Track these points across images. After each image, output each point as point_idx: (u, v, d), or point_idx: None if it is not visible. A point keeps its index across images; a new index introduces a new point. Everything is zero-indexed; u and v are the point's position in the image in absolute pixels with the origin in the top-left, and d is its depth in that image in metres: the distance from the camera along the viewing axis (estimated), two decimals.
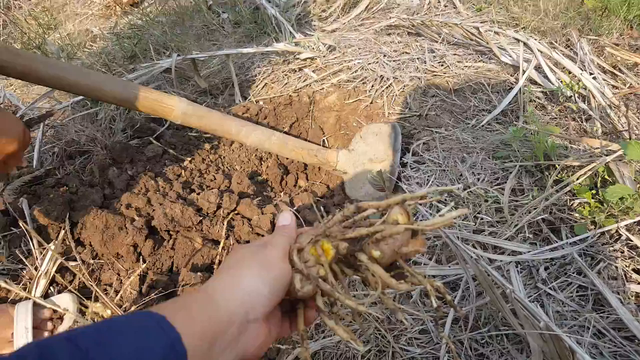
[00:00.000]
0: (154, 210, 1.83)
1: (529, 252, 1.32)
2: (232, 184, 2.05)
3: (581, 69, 2.16)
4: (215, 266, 1.76)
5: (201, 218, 1.81)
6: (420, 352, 1.22)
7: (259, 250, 0.72)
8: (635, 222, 1.32)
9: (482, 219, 1.49)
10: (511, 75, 2.27)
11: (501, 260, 1.29)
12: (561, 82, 2.12)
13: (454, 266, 1.38)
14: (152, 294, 1.60)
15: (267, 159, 2.33)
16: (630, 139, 1.68)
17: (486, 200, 1.54)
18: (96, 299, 1.61)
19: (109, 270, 1.76)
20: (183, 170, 2.15)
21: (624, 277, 1.23)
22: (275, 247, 0.72)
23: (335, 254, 0.75)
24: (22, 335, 1.38)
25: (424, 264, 1.44)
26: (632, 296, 1.18)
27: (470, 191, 1.56)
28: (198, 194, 1.91)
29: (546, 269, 1.31)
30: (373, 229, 0.72)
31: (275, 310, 0.72)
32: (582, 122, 1.96)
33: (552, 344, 0.99)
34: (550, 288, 1.26)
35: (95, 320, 1.45)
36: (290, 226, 0.81)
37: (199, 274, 1.70)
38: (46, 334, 1.46)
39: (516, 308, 1.08)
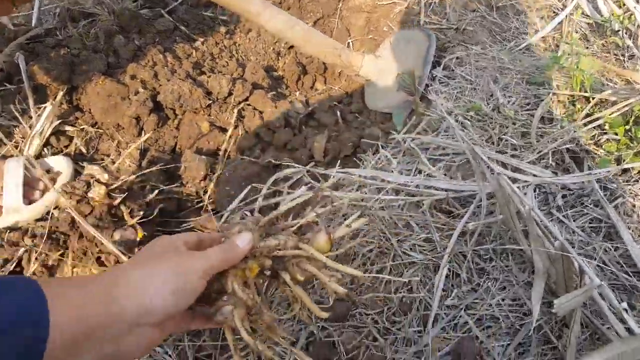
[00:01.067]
0: (160, 85, 1.81)
1: (550, 177, 1.34)
2: (245, 73, 2.01)
3: (636, 2, 2.07)
4: (220, 153, 1.77)
5: (210, 102, 1.80)
6: (422, 258, 1.27)
7: (184, 256, 0.68)
8: None
9: (506, 141, 1.49)
10: (559, 1, 2.17)
11: (521, 181, 1.31)
12: (612, 14, 2.04)
13: (470, 183, 1.39)
14: (152, 169, 1.61)
15: (285, 54, 2.28)
16: None
17: (514, 123, 1.53)
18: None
19: (108, 141, 1.77)
20: (194, 51, 2.10)
21: (639, 215, 1.26)
22: (204, 260, 0.69)
23: (260, 272, 0.86)
24: (11, 190, 1.36)
25: (436, 178, 1.46)
26: None
27: (500, 111, 1.55)
28: (209, 77, 1.88)
29: (563, 196, 1.33)
30: (298, 253, 0.84)
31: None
32: (624, 60, 1.91)
33: (561, 264, 1.03)
34: (564, 216, 1.29)
35: (91, 182, 1.46)
36: (240, 252, 0.77)
37: (203, 157, 1.71)
38: (37, 193, 1.43)
39: (530, 227, 1.11)
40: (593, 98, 1.54)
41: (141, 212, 1.44)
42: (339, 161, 1.72)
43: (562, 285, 1.07)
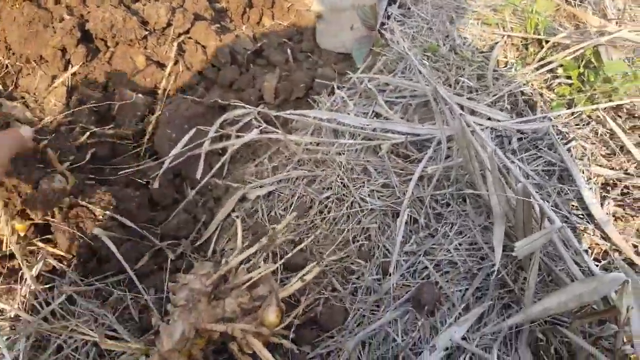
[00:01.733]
0: (89, 12, 1.59)
1: (505, 120, 1.32)
2: (186, 1, 1.82)
3: None
4: (159, 91, 1.61)
5: (146, 33, 1.61)
6: (381, 204, 1.23)
7: None
8: (616, 105, 1.35)
9: (463, 83, 1.45)
10: None
11: (479, 124, 1.28)
12: None
13: (428, 126, 1.35)
14: (82, 108, 1.44)
15: None
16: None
17: (470, 65, 1.49)
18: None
19: (29, 75, 1.56)
20: None
21: (590, 159, 1.28)
22: None
23: (206, 345, 0.98)
24: None
25: (395, 121, 1.40)
26: (594, 177, 1.24)
27: (456, 53, 1.49)
28: (144, 4, 1.67)
29: (518, 139, 1.33)
30: (245, 331, 0.95)
31: None
32: (574, 5, 1.90)
33: (522, 208, 1.02)
34: (519, 159, 1.29)
35: (10, 123, 1.29)
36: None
37: (139, 95, 1.55)
38: None
39: (492, 170, 1.09)
40: (547, 41, 1.52)
41: (71, 157, 1.29)
42: (291, 103, 1.63)
43: (521, 229, 1.06)
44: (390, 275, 1.14)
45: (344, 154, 1.32)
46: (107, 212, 1.18)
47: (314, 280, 1.14)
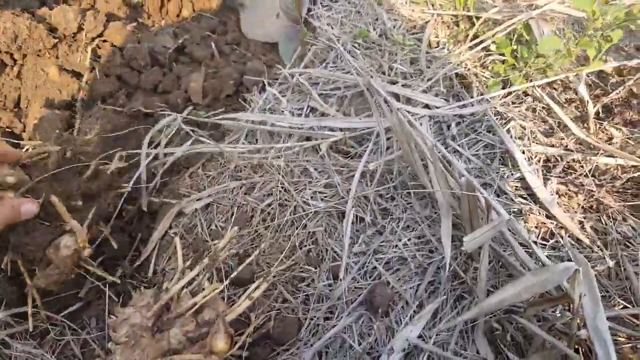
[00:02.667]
0: None
1: (443, 106, 1.29)
2: (97, 1, 1.67)
3: None
4: (77, 104, 1.48)
5: (56, 41, 1.47)
6: (325, 206, 1.18)
7: None
8: (551, 81, 1.34)
9: (397, 69, 1.40)
10: None
11: (416, 114, 1.24)
12: None
13: (364, 118, 1.30)
14: None
15: None
16: None
17: (402, 49, 1.44)
18: None
19: None
20: None
21: (530, 138, 1.27)
22: None
23: None
24: None
25: (332, 116, 1.34)
26: (535, 156, 1.23)
27: (387, 37, 1.44)
28: (51, 9, 1.52)
29: (457, 124, 1.30)
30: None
31: None
32: None
33: (467, 201, 1.00)
34: (459, 145, 1.26)
35: None
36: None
37: (56, 111, 1.42)
38: None
39: (434, 164, 1.06)
40: (477, 18, 1.49)
41: None
42: (221, 102, 1.54)
43: (468, 220, 1.04)
44: (341, 279, 1.09)
45: (282, 157, 1.25)
46: None
47: (263, 293, 1.08)
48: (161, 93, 1.57)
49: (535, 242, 1.03)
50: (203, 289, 0.99)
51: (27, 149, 1.40)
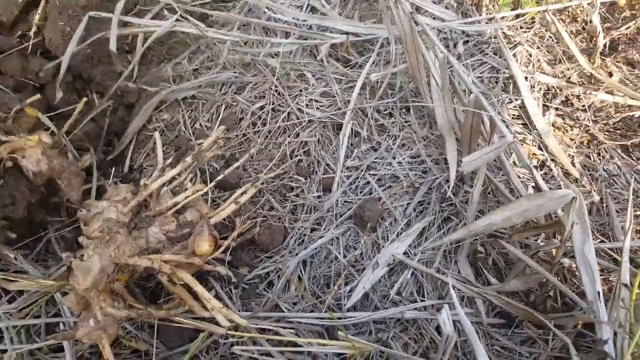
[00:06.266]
0: None
1: (453, 20, 1.23)
2: None
3: None
4: None
5: None
6: (320, 115, 1.14)
7: None
8: (563, 7, 1.30)
9: None
10: None
11: (426, 24, 1.17)
12: None
13: (370, 25, 1.23)
14: None
15: None
16: None
17: None
18: None
19: None
20: None
21: (535, 65, 1.24)
22: None
23: (130, 278, 0.88)
24: None
25: (332, 18, 1.25)
26: (537, 84, 1.21)
27: None
28: None
29: (464, 42, 1.26)
30: (175, 265, 0.85)
31: None
32: None
33: (471, 120, 0.97)
34: (464, 65, 1.22)
35: None
36: None
37: None
38: None
39: (442, 78, 1.02)
40: None
41: None
42: None
43: (467, 142, 1.04)
44: (332, 192, 1.07)
45: (277, 55, 1.17)
46: None
47: (250, 199, 1.06)
48: None
49: (536, 167, 1.03)
50: (186, 189, 0.94)
51: None
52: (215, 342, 0.97)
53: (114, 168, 1.15)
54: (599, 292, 0.87)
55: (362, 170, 1.10)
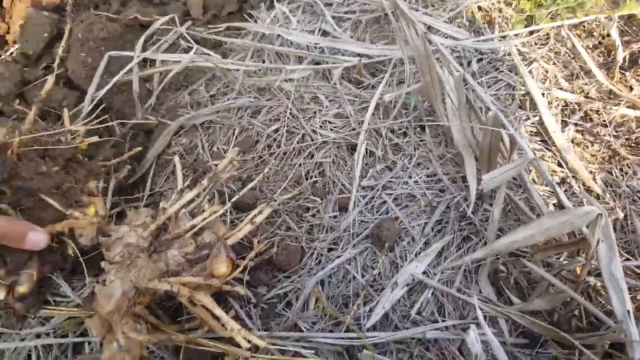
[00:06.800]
0: None
1: (466, 39, 1.23)
2: None
3: None
4: (67, 7, 1.37)
5: None
6: (334, 136, 1.14)
7: None
8: (579, 22, 1.29)
9: None
10: None
11: (439, 43, 1.18)
12: None
13: (382, 46, 1.24)
14: None
15: None
16: None
17: None
18: None
19: None
20: None
21: (552, 81, 1.24)
22: None
23: (152, 299, 0.90)
24: None
25: (344, 41, 1.27)
26: (555, 100, 1.20)
27: None
28: None
29: (478, 61, 1.26)
30: (193, 288, 0.85)
31: None
32: None
33: (489, 137, 0.97)
34: (479, 83, 1.22)
35: None
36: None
37: (44, 13, 1.32)
38: None
39: (459, 96, 1.02)
40: None
41: None
42: (222, 19, 1.45)
43: (486, 160, 1.03)
44: (348, 211, 1.07)
45: (291, 80, 1.19)
46: None
47: (267, 220, 1.06)
48: (157, 4, 1.47)
49: (559, 184, 1.01)
50: (203, 211, 0.96)
51: (12, 53, 1.32)
52: None
53: (135, 192, 1.17)
54: (628, 311, 0.84)
55: (378, 190, 1.10)
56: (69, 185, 0.99)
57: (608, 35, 1.28)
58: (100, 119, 1.28)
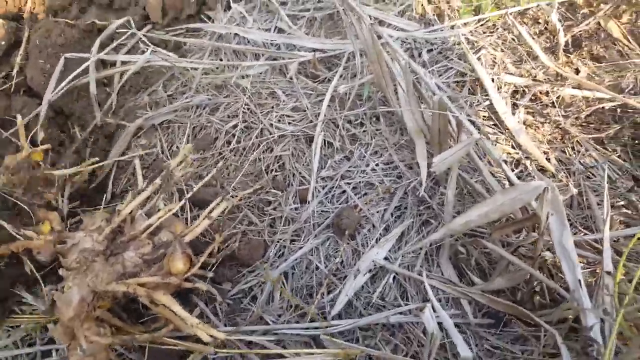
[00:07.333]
0: None
1: (416, 30, 1.22)
2: None
3: None
4: (24, 15, 1.32)
5: None
6: (292, 129, 1.12)
7: None
8: (523, 9, 1.29)
9: None
10: None
11: (390, 36, 1.17)
12: None
13: (336, 41, 1.22)
14: None
15: None
16: None
17: None
18: None
19: None
20: None
21: (500, 67, 1.23)
22: None
23: (113, 303, 0.87)
24: None
25: (299, 37, 1.25)
26: (504, 85, 1.20)
27: None
28: None
29: (428, 51, 1.24)
30: (150, 288, 0.83)
31: None
32: None
33: (437, 121, 0.95)
34: (430, 72, 1.20)
35: None
36: None
37: (1, 21, 1.26)
38: None
39: (407, 83, 1.01)
40: None
41: None
42: (181, 22, 1.42)
43: (437, 144, 1.01)
44: (308, 202, 1.04)
45: (248, 77, 1.16)
46: None
47: (229, 216, 1.03)
48: (117, 9, 1.42)
49: (505, 161, 1.00)
50: (159, 210, 0.92)
51: None
52: (205, 358, 0.93)
53: (98, 196, 1.13)
54: (579, 280, 0.83)
55: (337, 180, 1.07)
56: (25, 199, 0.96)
57: (551, 20, 1.28)
58: (59, 125, 1.25)
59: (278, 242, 1.02)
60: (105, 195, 1.12)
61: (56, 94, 1.16)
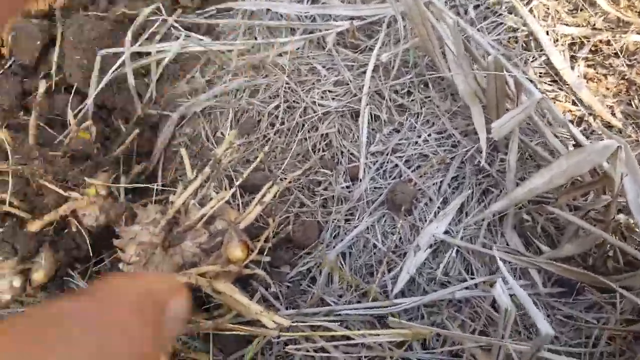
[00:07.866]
0: None
1: None
2: None
3: None
4: (55, 12, 1.27)
5: None
6: (336, 105, 1.04)
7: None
8: None
9: None
10: None
11: None
12: None
13: (374, 6, 1.12)
14: None
15: None
16: None
17: None
18: None
19: None
20: None
21: (554, 18, 1.10)
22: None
23: None
24: None
25: (334, 5, 1.16)
26: (561, 37, 1.07)
27: None
28: None
29: (475, 7, 1.13)
30: (211, 277, 0.81)
31: None
32: None
33: (494, 83, 0.86)
34: (478, 29, 1.09)
35: None
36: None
37: (33, 21, 1.23)
38: None
39: (456, 44, 0.91)
40: None
41: None
42: (211, 2, 1.34)
43: (494, 108, 0.92)
44: (359, 180, 0.98)
45: (285, 54, 1.08)
46: None
47: (279, 199, 0.98)
48: None
49: (571, 122, 0.90)
50: (211, 199, 0.88)
51: (10, 65, 1.24)
52: (270, 342, 0.91)
53: (149, 189, 1.09)
54: None
55: (387, 154, 0.99)
56: (72, 173, 0.93)
57: None
58: (103, 119, 1.21)
59: (332, 222, 0.97)
60: (156, 187, 1.08)
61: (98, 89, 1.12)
